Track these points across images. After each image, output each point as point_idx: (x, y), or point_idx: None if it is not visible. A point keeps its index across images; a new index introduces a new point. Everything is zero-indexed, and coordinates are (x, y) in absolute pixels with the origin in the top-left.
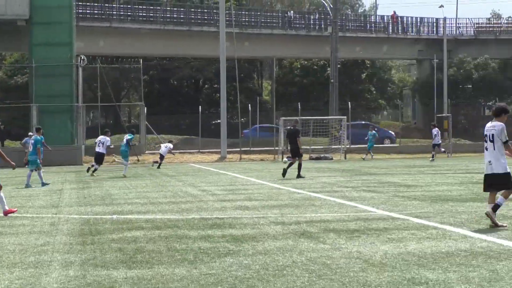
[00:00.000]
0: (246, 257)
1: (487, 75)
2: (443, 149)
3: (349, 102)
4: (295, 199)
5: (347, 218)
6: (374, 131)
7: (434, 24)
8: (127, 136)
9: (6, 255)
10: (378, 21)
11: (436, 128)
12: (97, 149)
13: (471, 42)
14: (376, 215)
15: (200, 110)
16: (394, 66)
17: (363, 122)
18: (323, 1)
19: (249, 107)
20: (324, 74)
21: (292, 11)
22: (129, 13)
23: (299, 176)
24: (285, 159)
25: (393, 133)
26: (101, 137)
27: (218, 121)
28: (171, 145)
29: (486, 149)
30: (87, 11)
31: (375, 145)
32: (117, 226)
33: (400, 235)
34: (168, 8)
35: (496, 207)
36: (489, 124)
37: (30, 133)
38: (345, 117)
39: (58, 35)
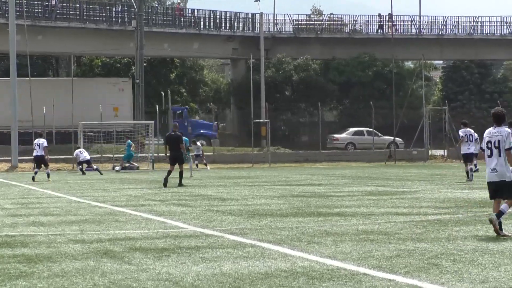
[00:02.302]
0: (40, 279)
1: (308, 77)
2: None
3: (157, 106)
4: (96, 214)
5: (155, 235)
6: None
7: (250, 20)
8: None
9: None
10: (188, 15)
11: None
12: (35, 153)
13: (290, 41)
14: (187, 231)
15: None
16: (207, 65)
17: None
18: None
19: (44, 109)
20: (128, 73)
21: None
22: None
23: (180, 184)
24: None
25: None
26: (36, 140)
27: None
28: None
29: (489, 156)
30: None
31: None
32: None
33: (214, 254)
34: None
35: (500, 214)
36: (492, 130)
37: None
38: (153, 122)
39: None
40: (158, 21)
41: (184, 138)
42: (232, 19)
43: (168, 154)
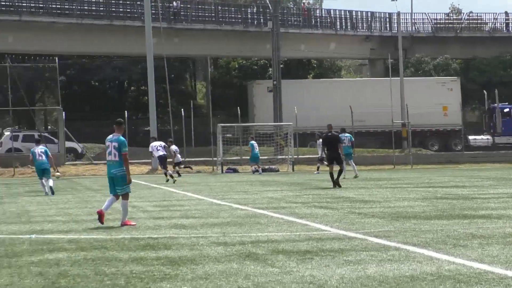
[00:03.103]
0: (184, 282)
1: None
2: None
3: (295, 107)
4: (238, 217)
5: (298, 238)
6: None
7: (387, 20)
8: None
9: None
10: (324, 15)
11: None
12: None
13: (429, 40)
14: (330, 234)
15: (126, 116)
16: (344, 66)
17: None
18: None
19: (182, 112)
20: (265, 75)
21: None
22: (41, 5)
23: (338, 184)
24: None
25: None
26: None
27: (148, 128)
28: (162, 143)
29: None
30: None
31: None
32: (36, 247)
33: (358, 257)
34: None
35: None
36: None
37: None
38: (292, 123)
39: None
40: (294, 22)
41: None
42: (369, 19)
43: (322, 155)
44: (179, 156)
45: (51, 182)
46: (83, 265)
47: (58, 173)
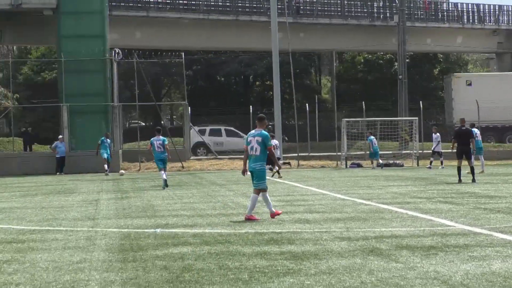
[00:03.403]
0: (308, 277)
1: None
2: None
3: (421, 101)
4: (362, 212)
5: (422, 233)
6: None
7: None
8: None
9: (39, 273)
10: (451, 9)
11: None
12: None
13: None
14: (455, 229)
15: (251, 111)
16: (471, 60)
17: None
18: None
19: (307, 106)
20: (391, 70)
21: None
22: (168, 1)
23: (474, 180)
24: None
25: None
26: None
27: (272, 123)
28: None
29: None
30: None
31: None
32: (161, 241)
33: (483, 252)
34: None
35: None
36: None
37: (60, 136)
38: (417, 118)
39: (89, 26)
40: (420, 16)
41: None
42: (497, 12)
43: (455, 149)
44: (278, 151)
45: (164, 175)
46: (207, 259)
47: (122, 171)
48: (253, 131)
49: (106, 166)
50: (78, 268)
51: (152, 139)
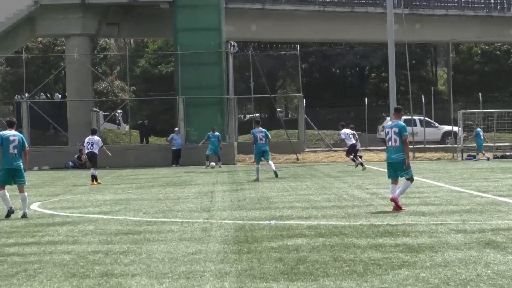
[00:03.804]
0: (423, 269)
1: None
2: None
3: None
4: (478, 204)
5: None
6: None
7: None
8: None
9: (155, 264)
10: None
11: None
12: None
13: None
14: None
15: (366, 103)
16: None
17: None
18: None
19: (422, 98)
20: (508, 61)
21: None
22: None
23: None
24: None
25: None
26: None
27: (385, 115)
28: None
29: None
30: None
31: None
32: (276, 233)
33: None
34: None
35: None
36: None
37: (176, 128)
38: None
39: (205, 19)
40: None
41: None
42: None
43: None
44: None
45: (273, 166)
46: (322, 251)
47: (213, 163)
48: (390, 123)
49: (206, 162)
50: (193, 259)
51: (253, 131)
